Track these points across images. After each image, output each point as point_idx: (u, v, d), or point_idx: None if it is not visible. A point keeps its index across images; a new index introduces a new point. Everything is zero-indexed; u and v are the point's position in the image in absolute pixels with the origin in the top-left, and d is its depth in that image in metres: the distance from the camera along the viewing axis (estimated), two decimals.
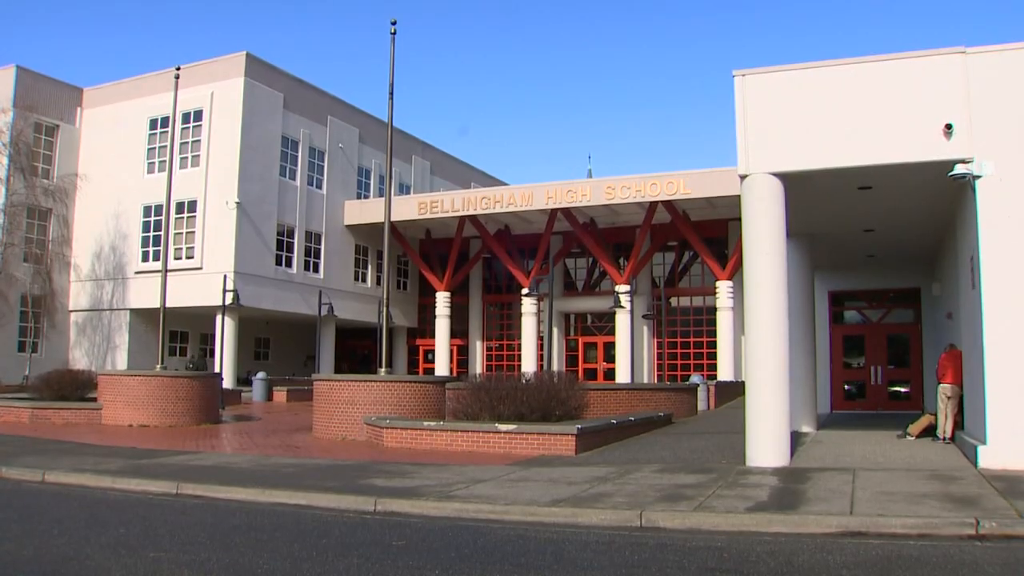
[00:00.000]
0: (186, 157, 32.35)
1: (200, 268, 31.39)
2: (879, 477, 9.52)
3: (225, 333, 29.65)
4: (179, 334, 35.72)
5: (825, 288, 20.78)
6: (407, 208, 35.44)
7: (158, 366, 20.00)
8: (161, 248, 25.94)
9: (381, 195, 38.80)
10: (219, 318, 29.68)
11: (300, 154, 34.86)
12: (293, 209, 34.32)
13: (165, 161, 30.39)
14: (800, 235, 15.55)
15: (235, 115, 31.66)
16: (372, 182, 39.77)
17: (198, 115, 32.37)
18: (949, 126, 10.38)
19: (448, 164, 46.21)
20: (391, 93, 18.13)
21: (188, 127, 32.41)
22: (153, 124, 33.52)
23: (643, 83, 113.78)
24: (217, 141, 31.85)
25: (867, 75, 10.87)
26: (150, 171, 33.37)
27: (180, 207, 31.88)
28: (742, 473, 10.20)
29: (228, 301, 26.79)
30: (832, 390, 20.84)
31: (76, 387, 20.50)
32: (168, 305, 22.20)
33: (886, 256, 18.70)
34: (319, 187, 36.15)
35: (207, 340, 36.47)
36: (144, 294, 32.16)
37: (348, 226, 37.41)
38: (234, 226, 31.16)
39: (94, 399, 19.45)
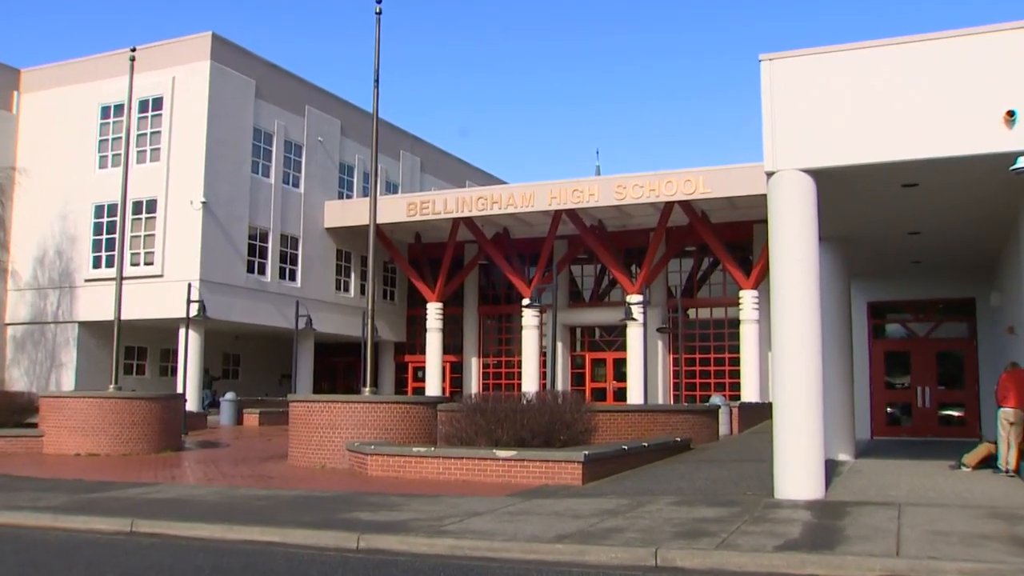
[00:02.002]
0: (144, 150, 32.34)
1: (161, 276, 31.38)
2: (930, 514, 9.46)
3: (189, 349, 29.58)
4: (136, 350, 35.62)
5: (863, 298, 20.74)
6: (395, 209, 35.45)
7: (111, 387, 19.87)
8: (116, 253, 25.90)
9: (365, 194, 38.84)
10: (182, 332, 29.62)
11: (275, 148, 34.92)
12: (267, 210, 34.35)
13: (120, 155, 30.33)
14: (834, 239, 15.55)
15: (200, 104, 31.68)
16: (356, 180, 39.80)
17: (157, 103, 32.37)
18: (1012, 113, 10.27)
19: (440, 160, 46.28)
20: (376, 80, 18.18)
21: (146, 116, 32.39)
22: (105, 112, 33.46)
23: (657, 70, 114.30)
24: (180, 133, 31.87)
25: (912, 57, 10.84)
26: (102, 166, 33.31)
27: (137, 207, 31.89)
28: (770, 506, 10.18)
29: (193, 313, 26.76)
30: (873, 414, 20.77)
31: (13, 411, 20.24)
32: (124, 317, 22.14)
33: (935, 262, 18.65)
34: (296, 185, 36.20)
35: (168, 356, 36.41)
36: (95, 305, 32.06)
37: (329, 229, 37.43)
38: (200, 229, 31.15)
39: (34, 425, 19.32)
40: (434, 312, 37.71)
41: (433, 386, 37.26)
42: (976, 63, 10.57)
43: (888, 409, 21.27)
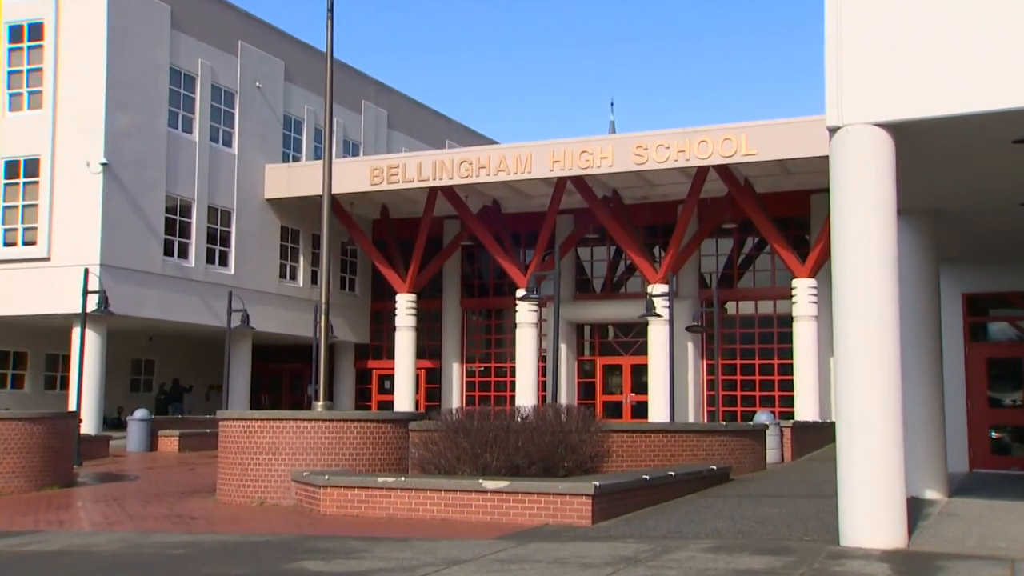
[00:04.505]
0: (19, 93, 32.05)
1: (47, 259, 31.19)
2: None
3: (86, 355, 29.36)
4: (11, 356, 35.60)
5: (957, 289, 20.68)
6: (355, 175, 35.45)
7: None
8: None
9: (317, 156, 38.82)
10: (76, 333, 29.45)
11: (198, 95, 34.81)
12: (190, 175, 34.27)
13: None
14: (918, 212, 15.50)
15: (96, 34, 31.26)
16: (305, 138, 39.76)
17: (36, 31, 31.99)
18: None
19: (414, 114, 46.34)
20: (330, 7, 18.10)
21: (20, 48, 32.05)
22: None
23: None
24: (69, 72, 31.51)
25: None
26: None
27: (12, 168, 31.73)
28: (835, 556, 10.13)
29: (91, 307, 26.58)
30: (971, 439, 20.70)
31: None
32: None
33: None
34: (228, 144, 36.14)
35: (57, 364, 36.33)
36: None
37: (270, 200, 37.51)
38: (99, 199, 30.95)
39: None
40: (405, 306, 37.75)
41: (404, 399, 37.45)
42: None
43: (993, 434, 21.15)
